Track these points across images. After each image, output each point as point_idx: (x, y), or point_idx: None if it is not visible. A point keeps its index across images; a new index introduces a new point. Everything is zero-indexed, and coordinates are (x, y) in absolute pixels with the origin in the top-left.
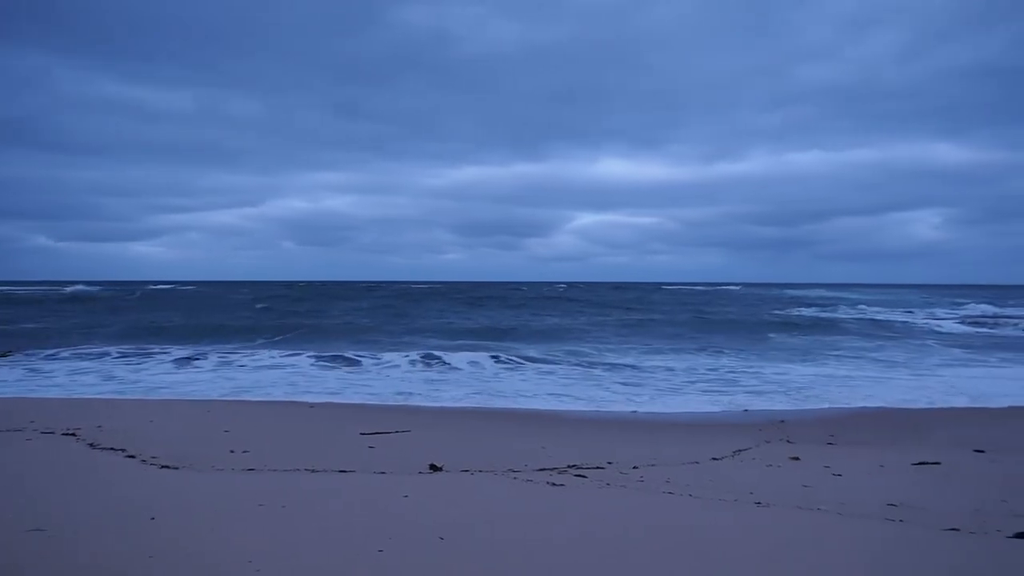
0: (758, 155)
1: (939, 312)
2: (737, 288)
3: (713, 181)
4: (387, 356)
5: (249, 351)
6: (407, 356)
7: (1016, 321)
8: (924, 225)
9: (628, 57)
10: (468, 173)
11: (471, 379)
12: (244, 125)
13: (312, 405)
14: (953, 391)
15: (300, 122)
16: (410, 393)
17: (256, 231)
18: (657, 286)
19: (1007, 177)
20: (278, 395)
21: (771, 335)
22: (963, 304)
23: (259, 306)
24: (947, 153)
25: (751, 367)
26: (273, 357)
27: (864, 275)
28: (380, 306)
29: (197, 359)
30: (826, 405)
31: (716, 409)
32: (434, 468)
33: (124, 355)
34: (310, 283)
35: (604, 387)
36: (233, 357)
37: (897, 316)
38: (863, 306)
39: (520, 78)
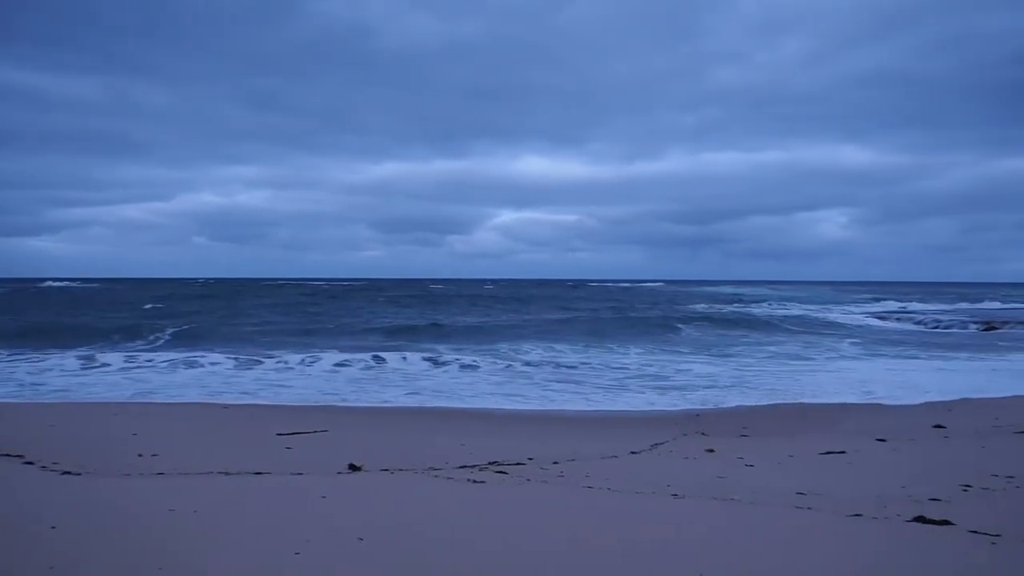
0: (675, 155)
1: (851, 308)
2: (658, 285)
3: (632, 180)
4: (305, 355)
5: (157, 351)
6: (326, 355)
7: (920, 316)
8: (831, 224)
9: (549, 56)
10: (388, 169)
11: (392, 378)
12: (153, 116)
13: (226, 406)
14: (858, 383)
15: (213, 114)
16: (329, 392)
17: (166, 226)
18: (580, 283)
19: (905, 179)
20: (190, 397)
21: (690, 331)
22: (873, 300)
23: (169, 304)
24: (851, 155)
25: (670, 362)
26: (184, 357)
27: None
28: (298, 304)
29: (101, 360)
30: (741, 398)
31: (635, 404)
32: (353, 468)
33: (20, 356)
34: (224, 280)
35: (527, 384)
36: (140, 357)
37: (810, 312)
38: (773, 303)
39: (441, 74)
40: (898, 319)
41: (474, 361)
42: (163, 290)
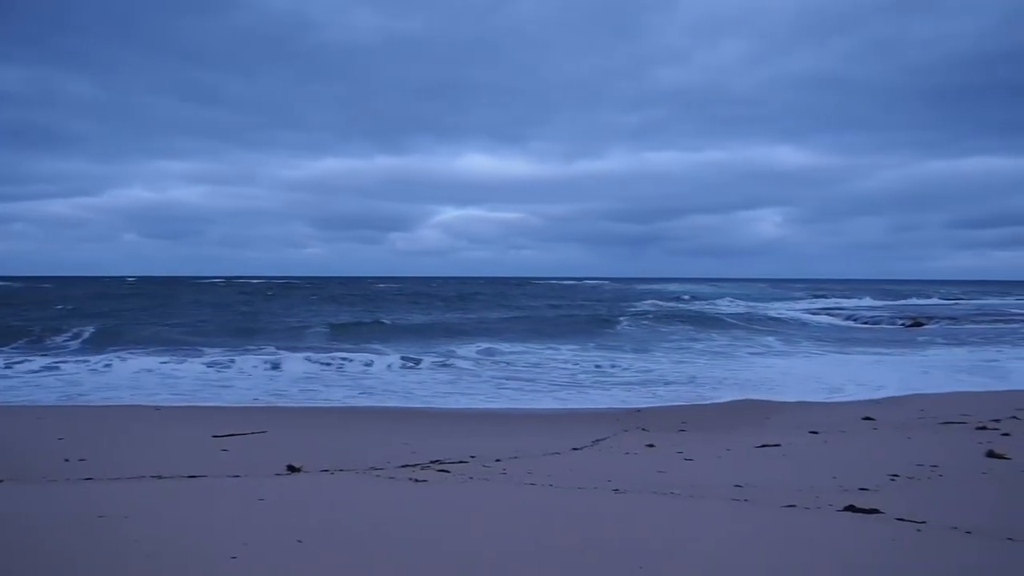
0: (618, 154)
1: (790, 305)
2: (601, 282)
3: (575, 178)
4: (242, 355)
5: (84, 352)
6: (264, 355)
7: (853, 312)
8: (768, 223)
9: (492, 53)
10: (329, 165)
11: (334, 377)
12: (80, 108)
13: (159, 408)
14: (794, 377)
15: (145, 106)
16: (267, 393)
17: (95, 222)
18: (523, 280)
19: (838, 180)
20: (120, 398)
21: (633, 328)
22: (813, 297)
23: (96, 303)
24: (788, 156)
25: (613, 359)
26: (113, 358)
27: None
28: (234, 303)
29: (23, 361)
30: (681, 393)
31: (578, 401)
32: (292, 469)
33: None
34: (156, 279)
35: (470, 383)
36: (66, 358)
37: (750, 309)
38: (715, 300)
39: (383, 70)
40: (832, 314)
41: (417, 360)
42: (91, 288)
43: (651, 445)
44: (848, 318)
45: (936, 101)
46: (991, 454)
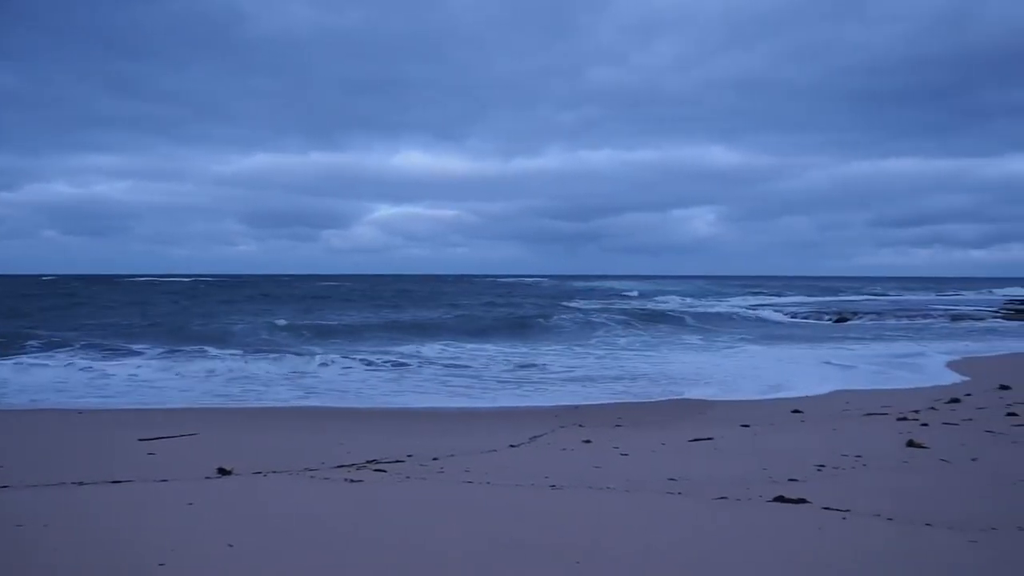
0: (554, 152)
1: (721, 301)
2: (538, 280)
3: (512, 176)
4: (171, 356)
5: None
6: (194, 355)
7: (783, 308)
8: (701, 221)
9: (429, 49)
10: (261, 160)
11: (266, 376)
12: None
13: (81, 412)
14: (727, 371)
15: (65, 98)
16: (197, 394)
17: (11, 218)
18: (460, 278)
19: (768, 179)
20: (39, 402)
21: (570, 324)
22: (748, 294)
23: (8, 302)
24: (720, 156)
25: (551, 355)
26: (31, 359)
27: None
28: (160, 301)
29: None
30: (618, 389)
31: (516, 398)
32: (223, 472)
33: None
34: (78, 277)
35: (406, 381)
36: None
37: (685, 305)
38: (654, 296)
39: (318, 64)
40: (767, 311)
41: (352, 359)
42: (10, 288)
43: (588, 441)
44: (781, 314)
45: (860, 104)
46: (911, 444)
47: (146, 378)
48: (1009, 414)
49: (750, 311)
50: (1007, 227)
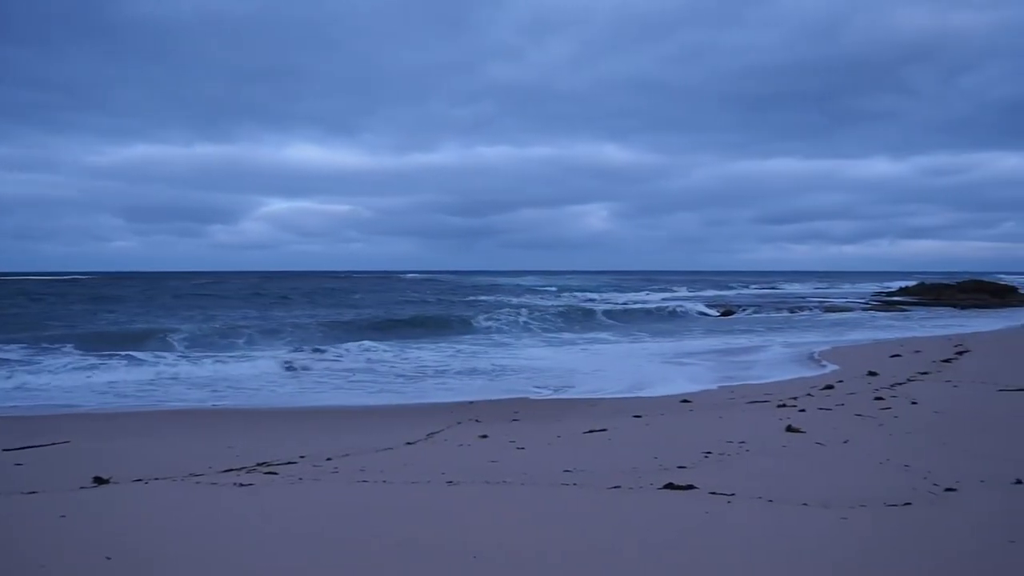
0: (450, 147)
1: (634, 296)
2: (433, 275)
3: (407, 171)
4: (39, 357)
5: None
6: (65, 357)
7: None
8: (595, 218)
9: (322, 40)
10: (141, 151)
11: (146, 379)
12: None
13: None
14: (617, 365)
15: None
16: (69, 399)
17: None
18: (353, 274)
19: (658, 177)
20: None
21: (468, 320)
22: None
23: None
24: (613, 154)
25: (448, 352)
26: None
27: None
28: (25, 301)
29: None
30: (517, 384)
31: (412, 395)
32: (99, 481)
33: None
34: None
35: (297, 379)
36: None
37: (577, 300)
38: (556, 291)
39: (204, 51)
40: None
41: (240, 358)
42: None
43: (484, 436)
44: (708, 308)
45: (743, 106)
46: (789, 429)
47: (8, 383)
48: (876, 398)
49: (665, 304)
50: (874, 224)
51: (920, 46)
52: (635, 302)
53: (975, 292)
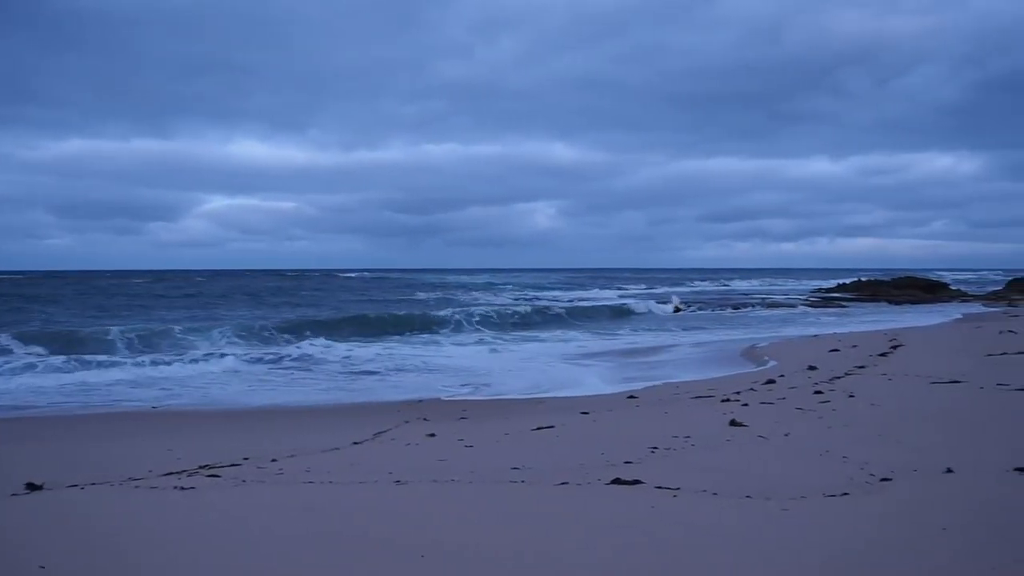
0: (397, 144)
1: (583, 294)
2: (380, 273)
3: (353, 168)
4: None
5: None
6: None
7: (598, 300)
8: (542, 215)
9: (269, 35)
10: (76, 146)
11: (80, 380)
12: None
13: None
14: (571, 359)
15: None
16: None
17: None
18: (299, 272)
19: (605, 175)
20: None
21: (417, 319)
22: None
23: None
24: (560, 152)
25: (395, 350)
26: None
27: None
28: None
29: None
30: (465, 383)
31: (360, 394)
32: (33, 487)
33: None
34: None
35: (241, 380)
36: None
37: (524, 297)
38: (507, 288)
39: (143, 42)
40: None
41: (182, 358)
42: None
43: (432, 435)
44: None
45: (689, 106)
46: (733, 423)
47: None
48: (816, 392)
49: (622, 301)
50: (814, 223)
51: (857, 49)
52: (584, 300)
53: (908, 288)
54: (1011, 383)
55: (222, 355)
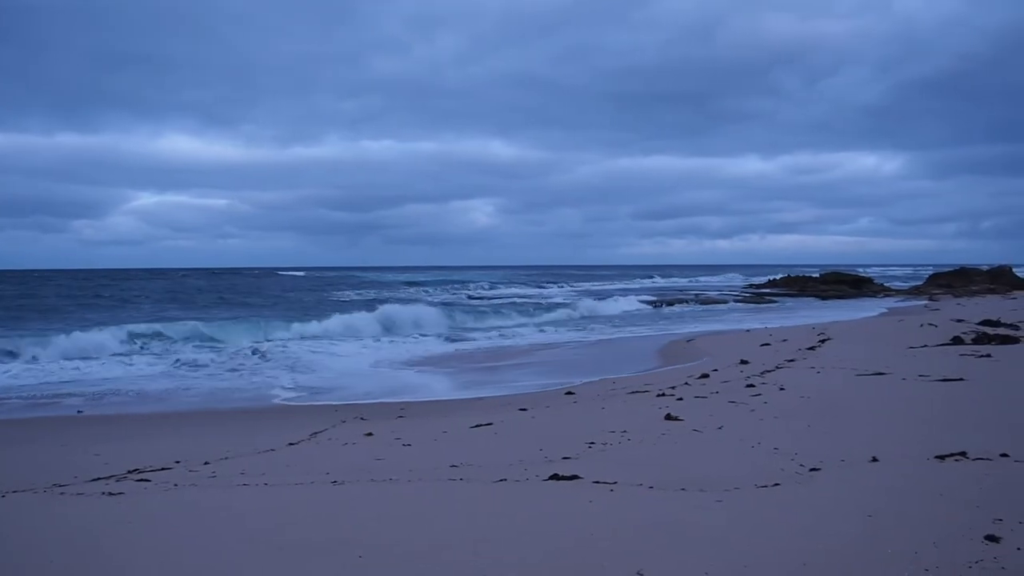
0: (333, 140)
1: (524, 291)
2: (315, 271)
3: (288, 164)
4: None
5: None
6: None
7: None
8: (480, 213)
9: (198, 27)
10: None
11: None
12: None
13: None
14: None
15: None
16: None
17: None
18: (231, 271)
19: (542, 173)
20: None
21: (349, 318)
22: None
23: None
24: (498, 150)
25: (331, 349)
26: None
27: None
28: None
29: None
30: (401, 381)
31: (292, 395)
32: None
33: None
34: None
35: (170, 380)
36: None
37: (461, 296)
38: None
39: (67, 34)
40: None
41: (103, 358)
42: None
43: (369, 434)
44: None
45: (625, 104)
46: (668, 417)
47: None
48: (748, 385)
49: (529, 299)
50: (745, 220)
51: (787, 51)
52: (522, 297)
53: (836, 283)
54: (931, 374)
55: (146, 354)
